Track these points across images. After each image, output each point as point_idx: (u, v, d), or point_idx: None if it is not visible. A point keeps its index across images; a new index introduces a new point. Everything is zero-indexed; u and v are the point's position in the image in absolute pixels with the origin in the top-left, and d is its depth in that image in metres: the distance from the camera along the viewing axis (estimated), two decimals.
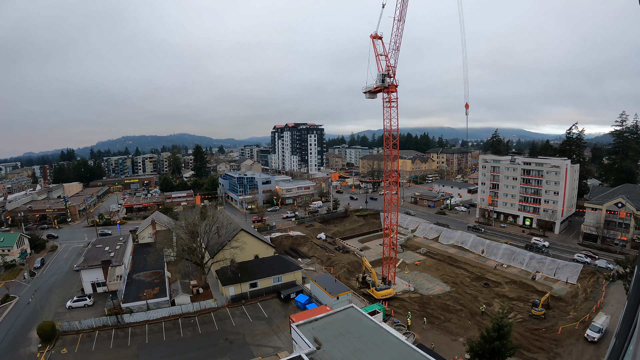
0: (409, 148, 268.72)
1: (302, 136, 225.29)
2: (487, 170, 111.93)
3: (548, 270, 72.22)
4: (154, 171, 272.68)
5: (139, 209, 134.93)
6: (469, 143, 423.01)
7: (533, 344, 48.76)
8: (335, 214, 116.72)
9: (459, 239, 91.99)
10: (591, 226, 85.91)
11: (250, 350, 47.02)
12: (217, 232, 70.53)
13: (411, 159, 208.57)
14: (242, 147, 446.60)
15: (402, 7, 55.62)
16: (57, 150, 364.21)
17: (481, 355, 36.06)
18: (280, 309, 58.46)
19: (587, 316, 54.13)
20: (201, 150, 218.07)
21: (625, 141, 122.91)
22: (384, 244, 70.24)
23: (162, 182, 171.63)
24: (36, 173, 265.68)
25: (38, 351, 47.00)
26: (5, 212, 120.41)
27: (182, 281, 65.22)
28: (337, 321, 39.10)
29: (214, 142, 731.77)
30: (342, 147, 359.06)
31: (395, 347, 34.03)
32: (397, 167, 66.08)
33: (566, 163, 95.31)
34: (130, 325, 53.18)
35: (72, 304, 59.49)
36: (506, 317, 37.50)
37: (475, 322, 54.60)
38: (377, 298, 61.28)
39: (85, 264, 65.74)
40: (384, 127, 62.21)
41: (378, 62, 59.46)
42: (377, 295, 61.83)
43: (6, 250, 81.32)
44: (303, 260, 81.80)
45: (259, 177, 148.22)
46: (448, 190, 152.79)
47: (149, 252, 72.85)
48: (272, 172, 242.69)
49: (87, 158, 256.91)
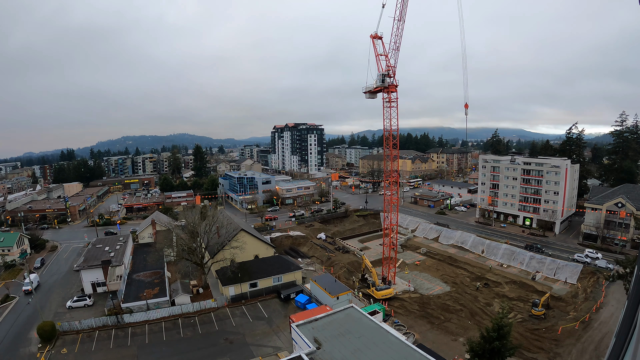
0: (409, 148, 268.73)
1: (302, 136, 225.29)
2: (487, 170, 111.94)
3: (548, 270, 72.22)
4: (154, 171, 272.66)
5: (139, 209, 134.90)
6: (469, 143, 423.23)
7: (533, 344, 48.77)
8: (335, 214, 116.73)
9: (459, 239, 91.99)
10: (591, 226, 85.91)
11: (250, 350, 47.01)
12: (217, 232, 70.55)
13: (411, 159, 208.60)
14: (242, 147, 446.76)
15: (402, 7, 55.66)
16: (57, 150, 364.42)
17: (481, 355, 36.06)
18: (280, 309, 58.44)
19: (587, 316, 54.18)
20: (201, 150, 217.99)
21: (625, 141, 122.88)
22: (384, 244, 70.25)
23: (162, 182, 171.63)
24: (36, 173, 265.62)
25: (38, 351, 46.98)
26: (5, 212, 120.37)
27: (182, 281, 65.23)
28: (337, 321, 39.08)
29: (214, 142, 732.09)
30: (342, 147, 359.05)
31: (395, 347, 34.02)
32: (397, 167, 66.06)
33: (566, 163, 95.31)
34: (130, 325, 53.16)
35: (72, 304, 59.46)
36: (506, 317, 37.49)
37: (475, 322, 54.62)
38: (378, 298, 61.36)
39: (85, 264, 65.72)
40: (384, 127, 62.24)
41: (378, 62, 59.51)
42: (377, 295, 61.90)
43: (6, 250, 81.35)
44: (303, 260, 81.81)
45: (259, 177, 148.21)
46: (448, 190, 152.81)
47: (149, 252, 72.93)
48: (272, 172, 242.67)
49: (87, 158, 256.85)
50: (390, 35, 57.17)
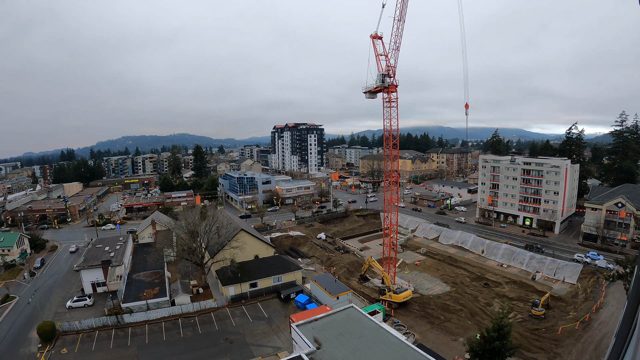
0: (409, 148, 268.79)
1: (302, 136, 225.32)
2: (487, 170, 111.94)
3: (548, 270, 72.20)
4: (154, 171, 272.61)
5: (139, 209, 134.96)
6: (469, 143, 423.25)
7: (533, 344, 48.76)
8: (335, 214, 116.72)
9: (459, 239, 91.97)
10: (591, 226, 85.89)
11: (250, 350, 47.01)
12: (217, 232, 70.55)
13: (411, 159, 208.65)
14: (242, 147, 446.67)
15: (402, 7, 55.63)
16: (57, 150, 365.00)
17: (481, 355, 36.08)
18: (280, 309, 58.44)
19: (587, 316, 54.18)
20: (201, 150, 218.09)
21: (625, 141, 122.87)
22: (384, 244, 70.23)
23: (162, 182, 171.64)
24: (36, 173, 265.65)
25: (38, 351, 47.00)
26: (5, 212, 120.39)
27: (182, 281, 65.23)
28: (337, 321, 39.10)
29: (214, 142, 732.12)
30: (342, 147, 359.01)
31: (395, 347, 34.02)
32: (397, 167, 66.03)
33: (566, 163, 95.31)
34: (130, 325, 53.17)
35: (72, 304, 59.49)
36: (506, 317, 37.51)
37: (475, 322, 54.62)
38: (400, 302, 58.83)
39: (85, 264, 65.73)
40: (384, 127, 62.19)
41: (378, 62, 59.45)
42: (398, 298, 58.89)
43: (6, 250, 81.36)
44: (303, 260, 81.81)
45: (259, 177, 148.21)
46: (448, 190, 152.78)
47: (149, 252, 72.96)
48: (272, 172, 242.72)
49: (87, 158, 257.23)
50: (390, 36, 57.21)
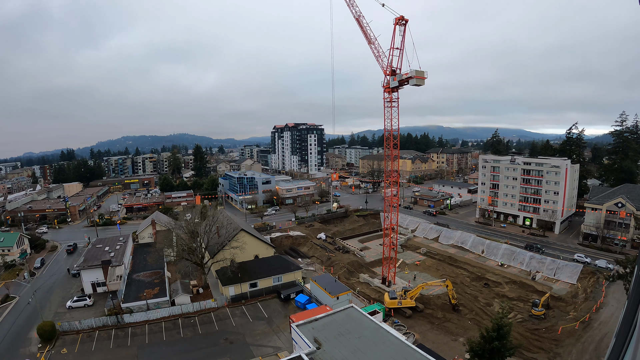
0: (409, 148, 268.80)
1: (302, 136, 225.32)
2: (487, 170, 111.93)
3: (548, 270, 72.22)
4: (154, 171, 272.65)
5: (139, 209, 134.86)
6: (469, 143, 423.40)
7: (533, 344, 48.78)
8: (335, 214, 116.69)
9: (459, 239, 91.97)
10: (591, 226, 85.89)
11: (250, 350, 47.00)
12: (217, 232, 70.54)
13: (411, 159, 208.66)
14: (242, 147, 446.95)
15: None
16: (57, 151, 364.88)
17: (481, 355, 36.06)
18: (280, 309, 58.44)
19: (587, 316, 54.19)
20: (201, 150, 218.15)
21: (625, 141, 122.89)
22: (384, 244, 70.23)
23: (162, 182, 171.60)
24: (36, 173, 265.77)
25: (38, 351, 46.99)
26: (5, 212, 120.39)
27: (182, 281, 65.21)
28: (337, 321, 39.07)
29: (214, 142, 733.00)
30: (342, 147, 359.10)
31: (395, 347, 34.01)
32: (397, 167, 66.05)
33: (566, 163, 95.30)
34: (130, 325, 53.15)
35: (72, 304, 59.47)
36: (506, 317, 37.49)
37: (475, 322, 54.62)
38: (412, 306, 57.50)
39: (85, 264, 65.73)
40: (384, 127, 62.19)
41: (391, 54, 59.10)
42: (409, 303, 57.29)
43: (6, 250, 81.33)
44: (303, 260, 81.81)
45: (259, 177, 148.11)
46: (448, 190, 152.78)
47: (149, 252, 72.96)
48: (272, 172, 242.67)
49: (87, 158, 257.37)
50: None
